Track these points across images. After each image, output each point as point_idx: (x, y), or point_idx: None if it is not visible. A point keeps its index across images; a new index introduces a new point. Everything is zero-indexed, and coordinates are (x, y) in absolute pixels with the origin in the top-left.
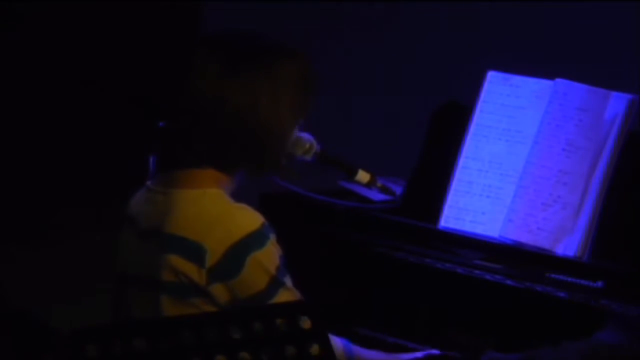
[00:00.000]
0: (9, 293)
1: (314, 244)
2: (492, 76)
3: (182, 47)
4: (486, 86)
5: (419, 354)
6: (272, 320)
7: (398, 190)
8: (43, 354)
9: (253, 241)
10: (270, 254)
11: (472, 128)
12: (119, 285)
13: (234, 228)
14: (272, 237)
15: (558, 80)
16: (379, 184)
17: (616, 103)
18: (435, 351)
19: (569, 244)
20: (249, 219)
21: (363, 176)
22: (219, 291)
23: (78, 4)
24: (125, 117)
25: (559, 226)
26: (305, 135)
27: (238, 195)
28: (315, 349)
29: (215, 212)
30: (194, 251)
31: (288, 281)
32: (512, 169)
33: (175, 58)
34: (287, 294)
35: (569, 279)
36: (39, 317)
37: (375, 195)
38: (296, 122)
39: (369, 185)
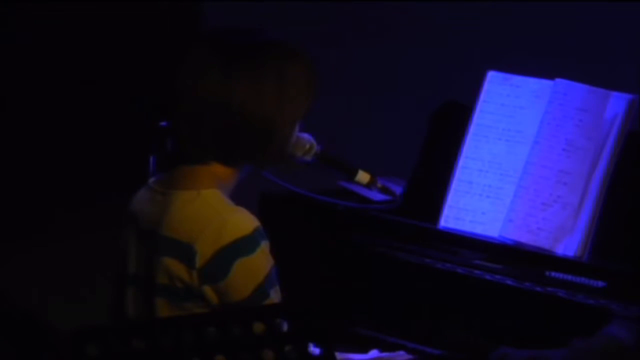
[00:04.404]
0: (9, 293)
1: (314, 243)
2: (492, 76)
3: (182, 47)
4: (486, 86)
5: None
6: (272, 320)
7: (398, 190)
8: (43, 354)
9: (242, 246)
10: (258, 262)
11: (472, 128)
12: (119, 284)
13: (224, 231)
14: (264, 245)
15: (558, 80)
16: (379, 184)
17: (616, 103)
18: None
19: (569, 244)
20: (242, 223)
21: (363, 177)
22: (209, 293)
23: (78, 4)
24: (125, 117)
25: (559, 226)
26: (306, 136)
27: (238, 195)
28: (293, 351)
29: (207, 213)
30: (185, 253)
31: (274, 294)
32: (512, 169)
33: (175, 58)
34: None
35: (569, 279)
36: (39, 317)
37: (375, 196)
38: (299, 118)
39: (369, 185)
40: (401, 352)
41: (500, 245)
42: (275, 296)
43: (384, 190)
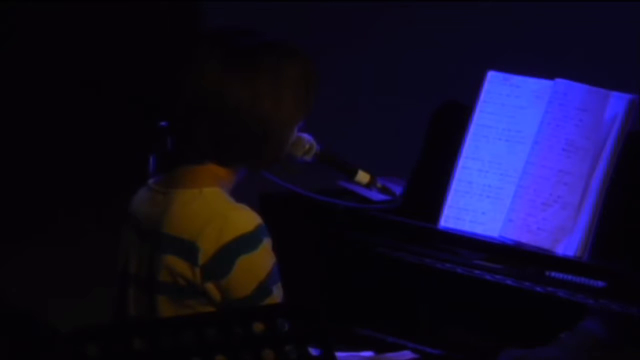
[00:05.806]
0: (9, 293)
1: (314, 244)
2: (492, 76)
3: (182, 46)
4: (486, 86)
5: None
6: (273, 320)
7: (398, 190)
8: (43, 354)
9: (245, 243)
10: (261, 259)
11: (472, 128)
12: (120, 284)
13: (227, 228)
14: (266, 242)
15: (558, 80)
16: (378, 184)
17: (616, 103)
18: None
19: (569, 244)
20: (244, 220)
21: (363, 177)
22: (212, 290)
23: (78, 4)
24: (125, 117)
25: (559, 226)
26: (305, 136)
27: (238, 195)
28: (293, 351)
29: (209, 211)
30: (187, 250)
31: (277, 290)
32: (512, 169)
33: (175, 58)
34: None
35: (569, 279)
36: (39, 317)
37: (375, 196)
38: (297, 119)
39: (368, 185)
40: (406, 352)
41: (500, 245)
42: (277, 293)
43: (384, 190)
